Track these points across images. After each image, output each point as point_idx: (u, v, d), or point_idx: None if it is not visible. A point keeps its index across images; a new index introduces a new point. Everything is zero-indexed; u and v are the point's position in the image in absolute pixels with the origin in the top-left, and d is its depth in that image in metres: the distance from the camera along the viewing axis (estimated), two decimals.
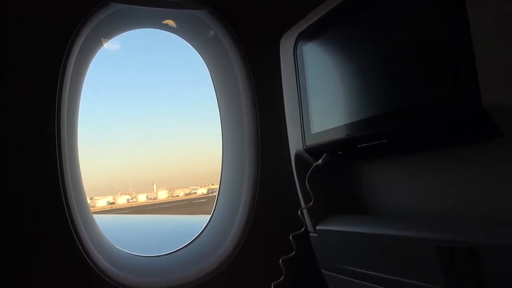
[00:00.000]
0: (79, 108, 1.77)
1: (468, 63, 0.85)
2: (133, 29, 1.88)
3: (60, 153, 1.52)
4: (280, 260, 1.49)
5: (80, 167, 1.79)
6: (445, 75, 0.91)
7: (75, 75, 1.65)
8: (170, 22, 1.93)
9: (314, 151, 1.41)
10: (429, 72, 0.96)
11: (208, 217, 2.06)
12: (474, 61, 0.85)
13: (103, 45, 1.80)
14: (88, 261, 1.54)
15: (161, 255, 1.89)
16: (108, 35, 1.80)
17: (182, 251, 1.92)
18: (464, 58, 0.86)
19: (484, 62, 0.83)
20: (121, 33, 1.85)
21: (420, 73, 0.98)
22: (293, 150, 1.53)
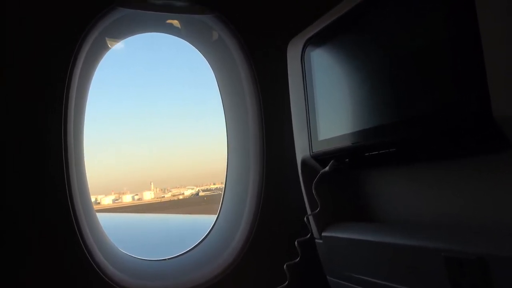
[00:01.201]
0: (85, 111, 1.78)
1: (478, 71, 0.85)
2: (140, 33, 1.88)
3: (66, 154, 1.52)
4: (285, 266, 1.49)
5: (86, 168, 1.79)
6: (455, 83, 0.90)
7: (82, 78, 1.65)
8: (174, 22, 1.93)
9: (321, 158, 1.41)
10: (438, 80, 0.95)
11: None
12: (484, 69, 0.84)
13: (109, 49, 1.80)
14: (93, 264, 1.54)
15: (165, 259, 1.89)
16: (115, 38, 1.80)
17: (187, 255, 1.92)
18: (474, 66, 0.86)
19: (494, 74, 0.83)
20: (128, 37, 1.85)
21: (429, 81, 0.98)
22: (299, 156, 1.53)
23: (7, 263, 1.46)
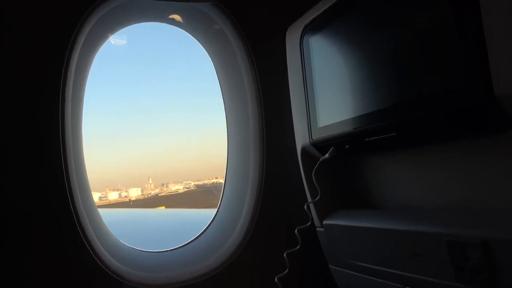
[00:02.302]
0: (83, 103, 1.76)
1: (479, 52, 0.84)
2: (137, 22, 1.86)
3: (64, 148, 1.51)
4: (285, 254, 1.49)
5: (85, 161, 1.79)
6: (455, 64, 0.89)
7: (79, 69, 1.64)
8: (176, 17, 1.91)
9: (320, 145, 1.39)
10: (438, 62, 0.94)
11: None
12: (485, 49, 0.83)
13: (107, 38, 1.78)
14: (94, 256, 1.54)
15: (166, 251, 1.89)
16: (112, 28, 1.78)
17: (188, 247, 1.91)
18: (475, 46, 0.85)
19: (495, 51, 0.81)
20: (125, 26, 1.83)
21: (429, 63, 0.96)
22: (299, 144, 1.52)
23: (12, 257, 1.46)
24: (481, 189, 1.02)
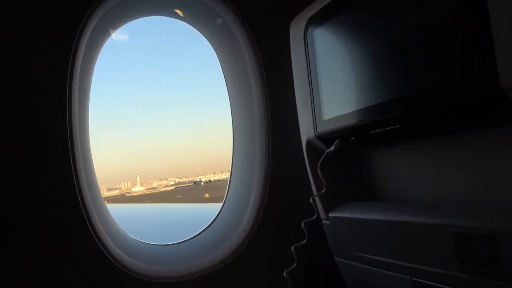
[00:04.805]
0: (89, 97, 1.78)
1: (486, 43, 0.83)
2: (142, 17, 1.86)
3: (72, 142, 1.52)
4: (292, 248, 1.49)
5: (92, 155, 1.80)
6: (461, 55, 0.88)
7: (85, 64, 1.64)
8: (179, 12, 1.91)
9: (326, 138, 1.39)
10: (444, 53, 0.93)
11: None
12: (492, 40, 0.82)
13: (111, 34, 1.79)
14: (103, 250, 1.55)
15: (174, 244, 1.90)
16: (117, 23, 1.79)
17: (195, 240, 1.93)
18: (481, 37, 0.84)
19: (501, 44, 0.81)
20: (129, 21, 1.83)
21: (435, 55, 0.96)
22: (304, 137, 1.52)
23: (20, 252, 1.48)
24: (486, 181, 1.02)
